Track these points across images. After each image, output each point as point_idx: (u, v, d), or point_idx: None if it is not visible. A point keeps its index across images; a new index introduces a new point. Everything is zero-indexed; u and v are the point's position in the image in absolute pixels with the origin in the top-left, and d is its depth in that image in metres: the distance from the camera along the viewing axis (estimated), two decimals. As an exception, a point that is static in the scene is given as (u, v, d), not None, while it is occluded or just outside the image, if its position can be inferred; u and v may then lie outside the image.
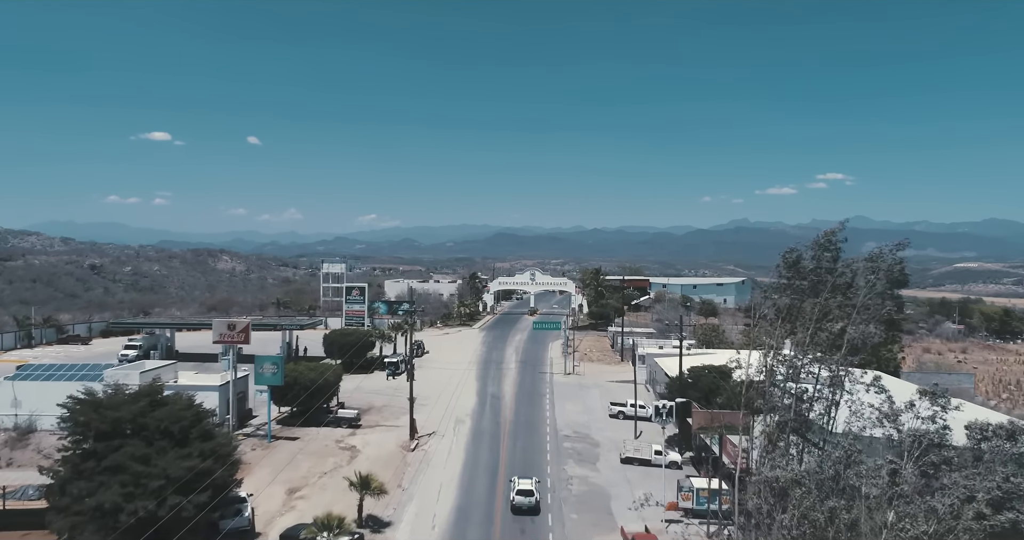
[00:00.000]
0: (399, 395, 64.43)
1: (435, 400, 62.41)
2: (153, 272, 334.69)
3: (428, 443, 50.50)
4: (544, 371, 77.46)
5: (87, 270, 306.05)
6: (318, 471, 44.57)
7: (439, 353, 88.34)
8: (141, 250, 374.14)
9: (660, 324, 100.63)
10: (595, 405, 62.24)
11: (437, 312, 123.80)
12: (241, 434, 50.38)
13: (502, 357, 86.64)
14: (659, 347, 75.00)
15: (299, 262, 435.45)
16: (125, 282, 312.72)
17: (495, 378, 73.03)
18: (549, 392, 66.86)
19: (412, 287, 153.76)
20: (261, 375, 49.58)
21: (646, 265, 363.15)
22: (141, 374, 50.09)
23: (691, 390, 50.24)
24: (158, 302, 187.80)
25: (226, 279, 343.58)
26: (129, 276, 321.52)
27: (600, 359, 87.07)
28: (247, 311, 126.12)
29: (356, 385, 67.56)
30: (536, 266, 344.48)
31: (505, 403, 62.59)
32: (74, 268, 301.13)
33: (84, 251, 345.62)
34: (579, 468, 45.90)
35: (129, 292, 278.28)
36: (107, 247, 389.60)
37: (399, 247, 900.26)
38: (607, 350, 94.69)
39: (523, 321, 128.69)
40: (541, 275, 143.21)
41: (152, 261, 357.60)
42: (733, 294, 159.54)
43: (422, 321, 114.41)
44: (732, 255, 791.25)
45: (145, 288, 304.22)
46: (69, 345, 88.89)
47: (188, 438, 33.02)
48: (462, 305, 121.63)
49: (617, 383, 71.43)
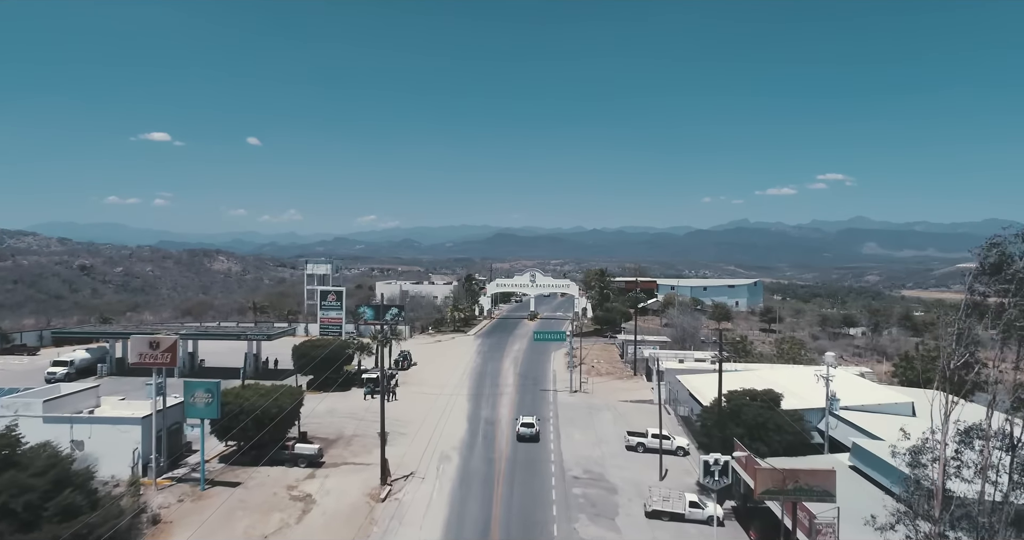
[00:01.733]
0: (377, 420, 54.08)
1: (418, 427, 52.03)
2: (145, 273, 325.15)
3: (403, 490, 40.02)
4: (546, 388, 67.00)
5: (76, 271, 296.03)
6: (258, 533, 34.13)
7: (428, 365, 77.94)
8: (136, 251, 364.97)
9: (674, 330, 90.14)
10: (608, 433, 51.78)
11: (429, 317, 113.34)
12: (170, 478, 39.95)
13: (498, 370, 76.17)
14: (679, 361, 64.58)
15: (297, 263, 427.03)
16: (115, 283, 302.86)
17: (490, 397, 62.59)
18: (553, 416, 56.39)
19: (404, 289, 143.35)
20: (192, 406, 39.12)
21: (647, 266, 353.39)
22: (46, 403, 39.69)
23: (732, 423, 39.78)
24: (146, 304, 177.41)
25: (220, 280, 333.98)
26: (120, 277, 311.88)
27: (609, 372, 76.57)
28: (223, 316, 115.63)
29: (329, 406, 57.25)
30: (536, 267, 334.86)
31: (501, 431, 52.12)
32: (63, 269, 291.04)
33: (80, 252, 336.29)
34: (594, 527, 35.42)
35: (120, 293, 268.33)
36: (104, 248, 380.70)
37: (399, 248, 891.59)
38: (616, 361, 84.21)
39: (523, 326, 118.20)
40: (542, 277, 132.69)
41: (145, 262, 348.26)
42: (745, 296, 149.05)
43: (412, 327, 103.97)
44: (733, 256, 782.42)
45: (136, 289, 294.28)
46: (13, 356, 78.47)
47: (39, 518, 22.65)
48: (456, 310, 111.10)
49: (632, 404, 60.96)
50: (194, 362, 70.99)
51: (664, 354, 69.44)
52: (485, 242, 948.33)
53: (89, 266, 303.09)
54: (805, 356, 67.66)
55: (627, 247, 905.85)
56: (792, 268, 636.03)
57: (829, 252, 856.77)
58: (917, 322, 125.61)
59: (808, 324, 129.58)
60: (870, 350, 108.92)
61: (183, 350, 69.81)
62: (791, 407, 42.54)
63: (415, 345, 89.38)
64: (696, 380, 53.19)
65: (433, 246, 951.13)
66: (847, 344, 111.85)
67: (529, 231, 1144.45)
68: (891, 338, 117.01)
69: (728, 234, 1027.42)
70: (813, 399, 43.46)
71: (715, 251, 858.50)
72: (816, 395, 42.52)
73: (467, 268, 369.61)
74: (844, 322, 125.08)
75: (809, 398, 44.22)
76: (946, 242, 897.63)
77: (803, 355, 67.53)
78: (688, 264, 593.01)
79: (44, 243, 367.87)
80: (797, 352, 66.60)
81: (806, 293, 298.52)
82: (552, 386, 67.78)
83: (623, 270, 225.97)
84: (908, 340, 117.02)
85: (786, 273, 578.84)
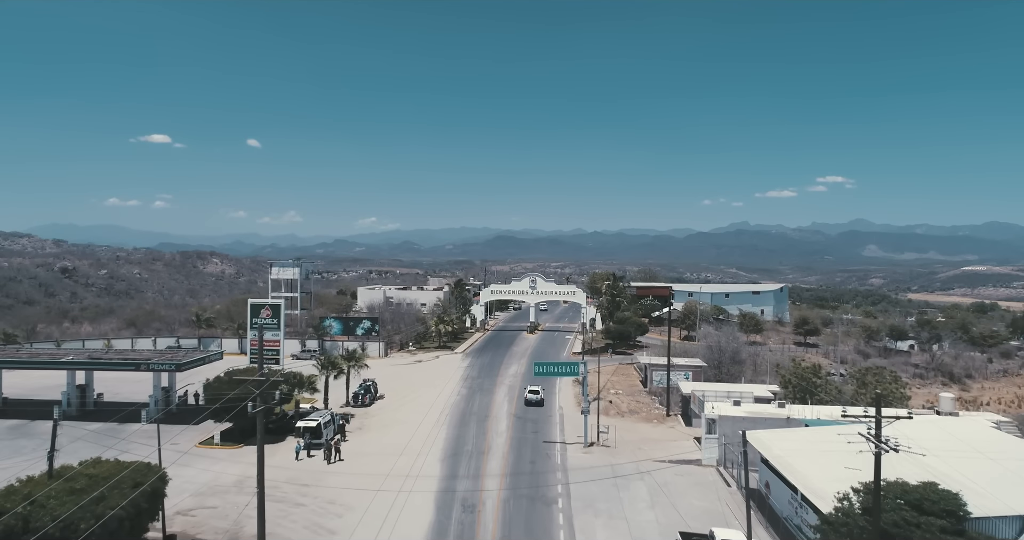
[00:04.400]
0: (305, 500, 35.68)
1: (361, 514, 33.68)
2: (131, 276, 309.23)
3: None
4: (551, 438, 48.46)
5: (57, 274, 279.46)
6: None
7: (398, 400, 59.40)
8: (127, 254, 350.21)
9: (708, 350, 71.53)
10: (646, 527, 33.28)
11: (413, 330, 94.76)
12: None
13: (488, 408, 57.55)
14: (734, 402, 46.09)
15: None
16: (98, 287, 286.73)
17: (473, 456, 44.00)
18: (563, 493, 37.84)
19: (389, 296, 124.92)
20: None
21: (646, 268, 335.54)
22: None
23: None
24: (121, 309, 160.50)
25: (211, 283, 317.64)
26: (104, 280, 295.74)
27: (633, 409, 57.90)
28: (169, 328, 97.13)
29: (240, 474, 39.00)
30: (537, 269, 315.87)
31: (484, 523, 33.73)
32: (43, 272, 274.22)
33: (74, 254, 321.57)
34: None
35: (102, 297, 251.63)
36: (100, 250, 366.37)
37: (398, 250, 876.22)
38: (638, 391, 65.57)
39: (521, 341, 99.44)
40: (543, 282, 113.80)
41: (133, 264, 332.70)
42: (772, 303, 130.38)
43: (389, 344, 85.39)
44: (733, 258, 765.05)
45: (119, 293, 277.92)
46: None
47: None
48: (441, 322, 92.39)
49: (672, 467, 42.35)
50: (86, 397, 52.62)
51: (709, 390, 50.86)
52: (485, 244, 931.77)
53: (71, 269, 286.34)
54: (897, 392, 49.14)
55: (627, 249, 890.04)
56: (794, 271, 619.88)
57: (830, 255, 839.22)
58: (975, 336, 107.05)
59: (848, 336, 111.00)
60: (932, 370, 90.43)
61: (70, 382, 51.54)
62: (976, 513, 24.21)
63: (388, 368, 71.07)
64: (779, 442, 34.74)
65: (433, 248, 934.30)
66: (902, 362, 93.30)
67: (529, 233, 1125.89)
68: (951, 354, 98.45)
69: (728, 237, 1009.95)
70: (988, 489, 25.27)
71: (715, 253, 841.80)
72: (985, 478, 24.42)
73: (467, 270, 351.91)
74: (891, 334, 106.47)
75: (982, 488, 25.93)
76: (947, 244, 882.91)
77: (896, 391, 48.99)
78: (689, 266, 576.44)
79: (39, 245, 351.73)
80: (892, 389, 48.06)
81: (811, 296, 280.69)
82: (559, 435, 49.20)
83: (631, 274, 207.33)
84: (971, 356, 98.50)
85: (788, 276, 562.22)
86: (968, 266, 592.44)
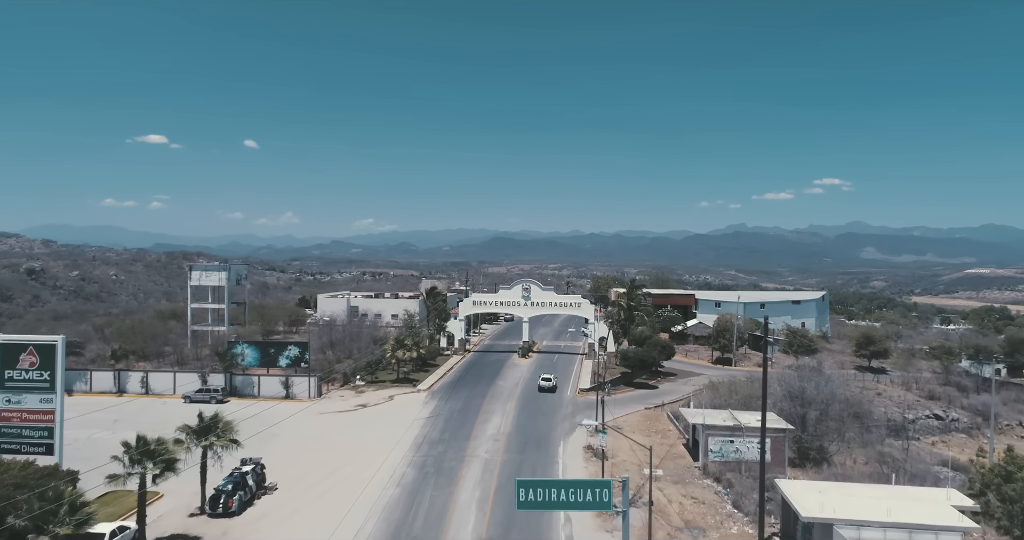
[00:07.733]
0: None
1: None
2: (106, 278, 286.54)
3: None
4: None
5: (22, 275, 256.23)
6: None
7: (298, 489, 35.17)
8: (108, 253, 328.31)
9: (782, 391, 47.17)
10: None
11: (368, 353, 70.39)
12: None
13: (444, 516, 33.37)
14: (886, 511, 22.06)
15: (289, 266, 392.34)
16: (67, 289, 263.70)
17: None
18: None
19: (353, 305, 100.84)
20: None
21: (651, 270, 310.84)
22: None
23: None
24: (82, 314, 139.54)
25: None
26: (75, 282, 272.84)
27: (694, 519, 33.68)
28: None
29: None
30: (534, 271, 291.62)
31: None
32: (8, 273, 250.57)
33: (65, 254, 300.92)
34: None
35: (70, 300, 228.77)
36: (92, 250, 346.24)
37: (395, 251, 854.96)
38: (688, 470, 41.29)
39: (510, 370, 73.79)
40: (540, 290, 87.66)
41: (111, 265, 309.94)
42: (813, 315, 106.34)
43: (323, 378, 60.72)
44: (731, 260, 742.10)
45: (90, 295, 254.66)
46: None
47: None
48: (400, 347, 65.73)
49: None
50: None
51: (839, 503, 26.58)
52: (482, 246, 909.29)
53: (39, 270, 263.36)
54: None
55: (625, 251, 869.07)
56: (793, 273, 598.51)
57: (828, 257, 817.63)
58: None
59: (912, 355, 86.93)
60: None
61: None
62: None
63: (312, 419, 46.96)
64: None
65: (430, 250, 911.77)
66: (1013, 398, 69.33)
67: (526, 235, 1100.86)
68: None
69: (726, 239, 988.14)
70: None
71: (713, 255, 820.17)
72: None
73: (463, 272, 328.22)
74: (974, 355, 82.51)
75: None
76: (945, 247, 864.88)
77: None
78: (687, 268, 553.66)
79: (27, 245, 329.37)
80: None
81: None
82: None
83: (630, 277, 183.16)
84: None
85: (787, 278, 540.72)
86: (967, 269, 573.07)
